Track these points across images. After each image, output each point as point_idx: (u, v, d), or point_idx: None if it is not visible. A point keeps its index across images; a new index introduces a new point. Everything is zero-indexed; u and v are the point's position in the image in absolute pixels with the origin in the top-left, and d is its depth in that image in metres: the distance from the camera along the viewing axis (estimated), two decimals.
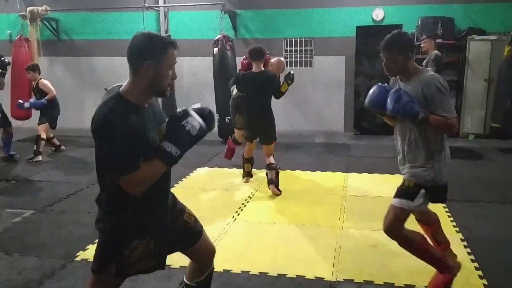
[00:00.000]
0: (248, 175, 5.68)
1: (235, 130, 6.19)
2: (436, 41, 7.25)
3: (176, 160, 1.92)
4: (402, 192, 2.83)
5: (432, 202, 2.91)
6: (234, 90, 5.55)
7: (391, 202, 2.87)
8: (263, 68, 5.14)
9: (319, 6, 8.59)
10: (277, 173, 5.16)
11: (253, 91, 5.02)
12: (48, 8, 8.90)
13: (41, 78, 6.96)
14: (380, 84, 2.83)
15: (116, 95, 1.90)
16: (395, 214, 2.81)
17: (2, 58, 6.64)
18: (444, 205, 4.65)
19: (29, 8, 8.77)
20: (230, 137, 6.33)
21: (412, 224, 3.00)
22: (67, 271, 3.36)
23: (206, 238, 2.37)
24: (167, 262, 2.26)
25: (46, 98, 6.83)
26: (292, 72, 5.24)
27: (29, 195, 5.22)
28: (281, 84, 5.20)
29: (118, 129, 1.79)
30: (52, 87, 6.93)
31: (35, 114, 7.43)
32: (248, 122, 5.23)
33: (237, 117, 6.06)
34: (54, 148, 7.44)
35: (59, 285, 3.15)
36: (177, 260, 3.50)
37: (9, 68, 6.88)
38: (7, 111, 8.36)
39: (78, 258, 3.57)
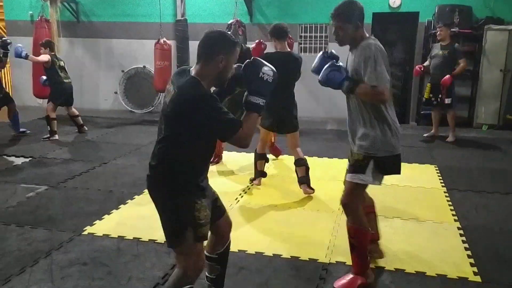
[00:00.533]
0: (261, 174, 5.01)
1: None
2: (452, 29, 7.20)
3: (264, 107, 2.23)
4: (354, 166, 2.82)
5: (384, 174, 2.83)
6: None
7: (346, 178, 2.88)
8: (288, 49, 4.76)
9: None
10: (307, 170, 4.66)
11: (281, 73, 3.89)
12: None
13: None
14: (323, 55, 2.81)
15: (195, 78, 2.16)
16: (350, 188, 2.83)
17: (4, 38, 6.91)
18: (446, 193, 4.71)
19: None
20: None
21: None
22: (74, 244, 3.54)
23: (227, 213, 2.58)
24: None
25: (28, 54, 6.94)
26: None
27: (43, 172, 5.43)
28: None
29: (215, 99, 2.12)
30: (43, 59, 6.90)
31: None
32: (271, 108, 4.09)
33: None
34: (77, 129, 7.56)
35: (65, 256, 3.33)
36: None
37: (10, 48, 7.06)
38: (29, 90, 8.68)
39: (85, 233, 3.75)
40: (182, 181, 2.19)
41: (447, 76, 6.51)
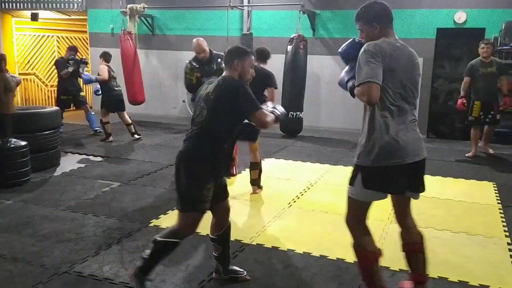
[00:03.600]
0: (257, 183, 5.20)
1: None
2: None
3: (279, 118, 2.96)
4: (350, 178, 2.62)
5: (373, 189, 2.51)
6: None
7: None
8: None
9: (399, 7, 8.59)
10: (260, 173, 5.12)
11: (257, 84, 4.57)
12: (146, 6, 9.86)
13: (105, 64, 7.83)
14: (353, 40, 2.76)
15: (230, 76, 2.89)
16: (347, 204, 2.66)
17: (83, 58, 8.26)
18: (501, 210, 4.67)
19: (129, 6, 9.80)
20: None
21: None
22: (142, 234, 3.96)
23: (228, 200, 3.09)
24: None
25: (96, 77, 7.74)
26: None
27: (117, 170, 6.01)
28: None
29: (247, 90, 2.79)
30: (105, 73, 7.63)
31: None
32: None
33: None
34: (130, 135, 8.09)
35: (134, 243, 3.76)
36: (234, 233, 3.98)
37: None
38: (125, 97, 9.57)
39: (151, 224, 4.17)
40: (205, 162, 2.76)
41: (508, 98, 6.65)
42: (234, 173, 5.83)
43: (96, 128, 8.30)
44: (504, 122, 7.56)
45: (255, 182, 5.18)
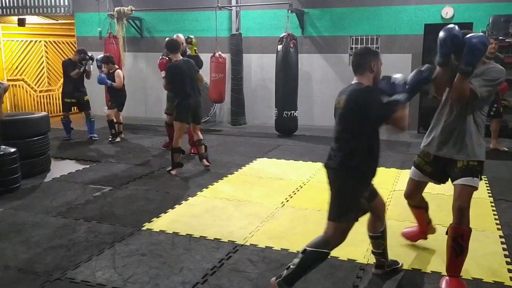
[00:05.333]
0: (178, 165, 5.92)
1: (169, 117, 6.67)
2: (507, 40, 7.14)
3: (405, 100, 2.78)
4: (470, 171, 2.97)
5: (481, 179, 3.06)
6: None
7: (459, 182, 2.99)
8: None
9: (386, 4, 8.65)
10: (206, 148, 6.15)
11: (189, 76, 5.75)
12: (133, 8, 9.81)
13: (117, 68, 7.97)
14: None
15: (360, 83, 2.81)
16: (469, 194, 2.97)
17: (83, 55, 7.99)
18: (492, 203, 4.70)
19: (116, 8, 9.74)
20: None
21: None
22: (134, 238, 3.94)
23: (380, 194, 3.06)
24: (217, 236, 3.14)
25: (112, 84, 7.81)
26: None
27: (108, 174, 5.97)
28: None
29: (378, 94, 2.74)
30: (121, 79, 7.88)
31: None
32: (190, 105, 5.79)
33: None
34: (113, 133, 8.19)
35: (126, 248, 3.73)
36: (227, 235, 3.97)
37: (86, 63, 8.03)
38: (103, 99, 9.57)
39: (144, 228, 4.15)
40: (355, 171, 2.76)
41: (505, 83, 6.48)
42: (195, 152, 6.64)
43: (93, 135, 8.22)
44: None
45: (204, 156, 6.10)
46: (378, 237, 3.10)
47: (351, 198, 2.79)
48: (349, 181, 2.79)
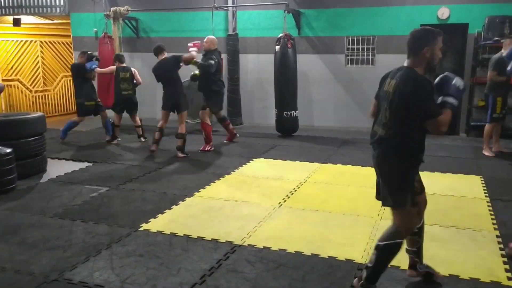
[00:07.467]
0: (156, 142, 7.06)
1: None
2: (502, 40, 7.14)
3: (456, 107, 2.76)
4: None
5: None
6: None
7: None
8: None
9: (383, 4, 8.67)
10: (184, 141, 6.84)
11: (166, 73, 6.96)
12: (129, 8, 9.79)
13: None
14: None
15: (413, 70, 2.72)
16: None
17: (89, 52, 7.84)
18: (489, 203, 4.72)
19: (112, 8, 9.71)
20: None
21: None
22: (131, 238, 3.92)
23: (425, 191, 3.06)
24: (215, 237, 3.12)
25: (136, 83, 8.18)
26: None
27: (105, 175, 5.95)
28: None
29: (431, 90, 2.69)
30: (108, 70, 8.11)
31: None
32: (168, 96, 7.02)
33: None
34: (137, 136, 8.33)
35: (123, 249, 3.72)
36: (225, 235, 3.97)
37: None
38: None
39: (141, 229, 4.14)
40: (409, 155, 2.76)
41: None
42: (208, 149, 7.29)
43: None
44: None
45: (180, 148, 6.86)
46: (414, 233, 3.01)
47: (406, 181, 2.77)
48: (403, 165, 2.77)
